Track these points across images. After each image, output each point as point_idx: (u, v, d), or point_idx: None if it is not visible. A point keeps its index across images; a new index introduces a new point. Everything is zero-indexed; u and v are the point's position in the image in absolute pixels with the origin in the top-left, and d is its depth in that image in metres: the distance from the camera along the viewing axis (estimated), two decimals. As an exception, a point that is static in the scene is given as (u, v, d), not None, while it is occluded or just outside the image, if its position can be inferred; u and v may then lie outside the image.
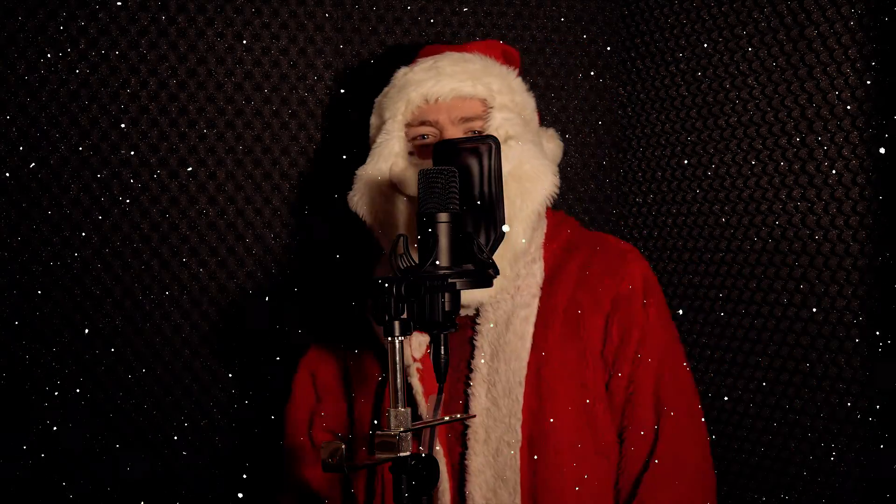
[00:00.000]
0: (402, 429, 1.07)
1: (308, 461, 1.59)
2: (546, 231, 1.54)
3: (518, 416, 1.40)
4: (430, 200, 1.18)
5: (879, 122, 1.49)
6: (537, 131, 1.56)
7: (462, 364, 1.46)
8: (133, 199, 1.81)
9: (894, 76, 1.47)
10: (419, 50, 1.63)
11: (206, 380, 1.88)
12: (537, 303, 1.46)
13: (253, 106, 1.87)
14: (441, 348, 1.16)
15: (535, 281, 1.48)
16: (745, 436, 1.74)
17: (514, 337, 1.43)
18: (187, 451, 1.87)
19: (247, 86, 1.86)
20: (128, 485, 1.83)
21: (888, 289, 1.49)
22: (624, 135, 2.07)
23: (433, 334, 1.16)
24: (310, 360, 1.64)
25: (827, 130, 1.58)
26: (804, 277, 1.63)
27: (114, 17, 1.77)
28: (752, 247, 1.73)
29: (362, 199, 1.50)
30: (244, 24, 1.85)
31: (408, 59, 1.58)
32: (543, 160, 1.45)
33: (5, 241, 1.75)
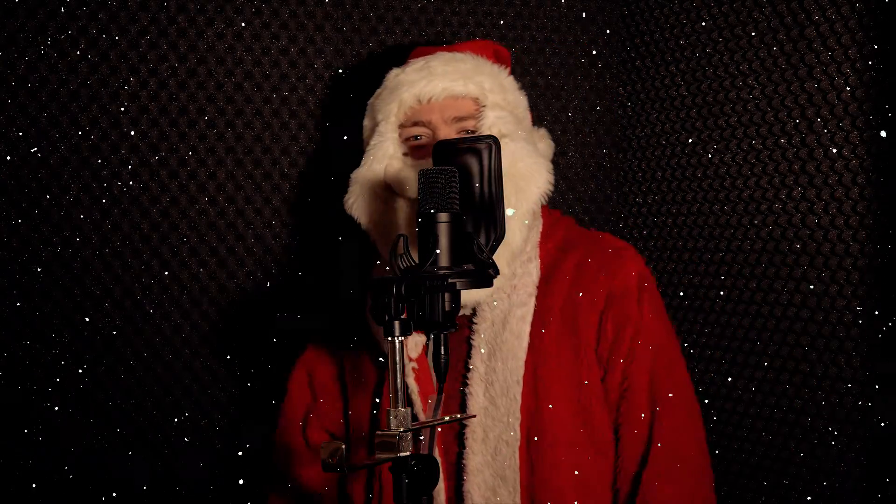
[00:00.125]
0: (402, 429, 1.07)
1: (302, 460, 1.59)
2: (542, 230, 1.54)
3: (516, 414, 1.40)
4: (430, 200, 1.18)
5: (879, 122, 1.49)
6: (530, 129, 1.56)
7: (459, 363, 1.46)
8: (133, 199, 1.81)
9: (894, 76, 1.47)
10: (411, 51, 1.63)
11: (206, 380, 1.88)
12: (534, 302, 1.46)
13: (253, 106, 1.87)
14: (441, 348, 1.16)
15: (531, 280, 1.47)
16: (745, 436, 1.74)
17: (511, 336, 1.43)
18: (187, 451, 1.87)
19: (247, 86, 1.86)
20: (128, 485, 1.83)
21: (888, 289, 1.49)
22: (624, 135, 2.07)
23: (433, 334, 1.16)
24: (307, 360, 1.64)
25: (827, 130, 1.58)
26: (804, 277, 1.63)
27: (114, 17, 1.77)
28: (752, 247, 1.73)
29: (358, 202, 1.49)
30: (244, 24, 1.85)
31: (403, 56, 1.58)
32: (537, 158, 1.45)
33: (5, 241, 1.75)
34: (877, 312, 1.51)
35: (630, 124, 2.05)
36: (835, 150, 1.57)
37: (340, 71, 1.92)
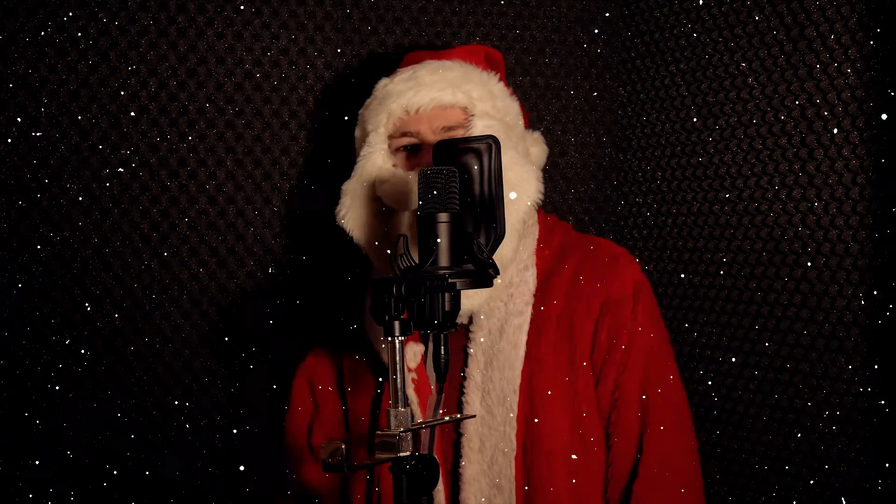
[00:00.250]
0: (402, 429, 1.07)
1: (309, 470, 1.59)
2: (538, 237, 1.53)
3: (513, 424, 1.40)
4: (429, 200, 1.18)
5: (879, 122, 1.49)
6: (522, 136, 1.54)
7: (456, 372, 1.46)
8: (133, 199, 1.81)
9: (894, 76, 1.47)
10: (401, 58, 1.62)
11: (206, 380, 1.88)
12: (530, 310, 1.46)
13: (253, 106, 1.87)
14: (441, 348, 1.16)
15: (527, 288, 1.47)
16: (745, 436, 1.74)
17: (508, 345, 1.43)
18: (187, 451, 1.87)
19: (247, 86, 1.86)
20: (128, 484, 1.83)
21: (888, 289, 1.49)
22: (624, 135, 2.07)
23: (433, 334, 1.15)
24: (307, 368, 1.64)
25: (827, 130, 1.58)
26: (804, 277, 1.63)
27: (114, 17, 1.77)
28: (752, 247, 1.72)
29: (349, 214, 1.48)
30: (244, 24, 1.85)
31: (397, 65, 1.58)
32: (527, 166, 1.44)
33: (5, 241, 1.75)
34: (877, 312, 1.51)
35: (630, 124, 2.05)
36: (835, 150, 1.57)
37: (340, 71, 1.91)
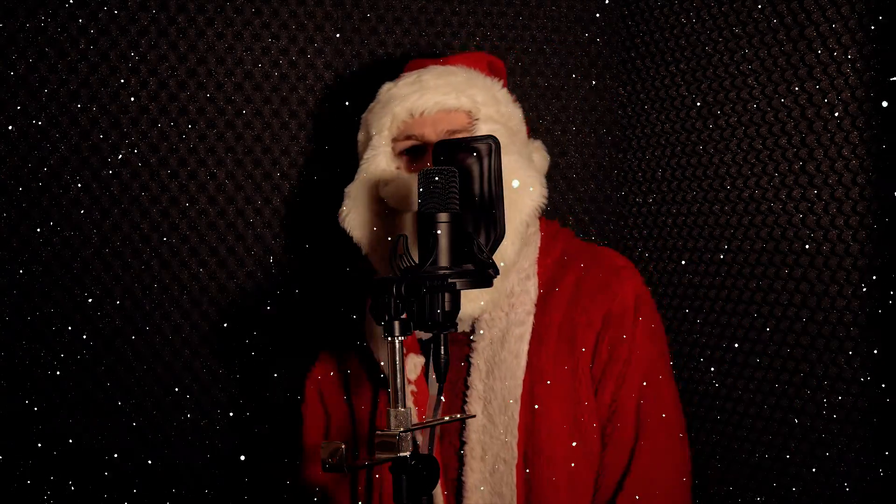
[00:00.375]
0: (402, 429, 1.07)
1: (331, 487, 1.58)
2: (540, 245, 1.53)
3: (514, 433, 1.40)
4: (430, 200, 1.18)
5: (879, 123, 1.49)
6: (525, 142, 1.55)
7: (459, 381, 1.47)
8: (133, 199, 1.81)
9: (894, 76, 1.47)
10: (405, 64, 1.62)
11: (206, 380, 1.88)
12: (532, 320, 1.46)
13: (253, 106, 1.87)
14: (441, 348, 1.16)
15: (529, 298, 1.47)
16: (745, 436, 1.74)
17: (510, 355, 1.43)
18: (187, 451, 1.87)
19: (247, 86, 1.86)
20: (128, 484, 1.83)
21: (888, 289, 1.49)
22: (624, 135, 2.07)
23: (433, 334, 1.16)
24: (315, 376, 1.64)
25: (827, 130, 1.58)
26: (804, 277, 1.63)
27: (114, 17, 1.77)
28: (752, 247, 1.72)
29: (351, 216, 1.49)
30: (244, 24, 1.85)
31: (402, 68, 1.58)
32: (530, 171, 1.44)
33: (5, 241, 1.75)
34: (877, 312, 1.51)
35: (630, 124, 2.05)
36: (835, 150, 1.57)
37: (340, 71, 1.92)
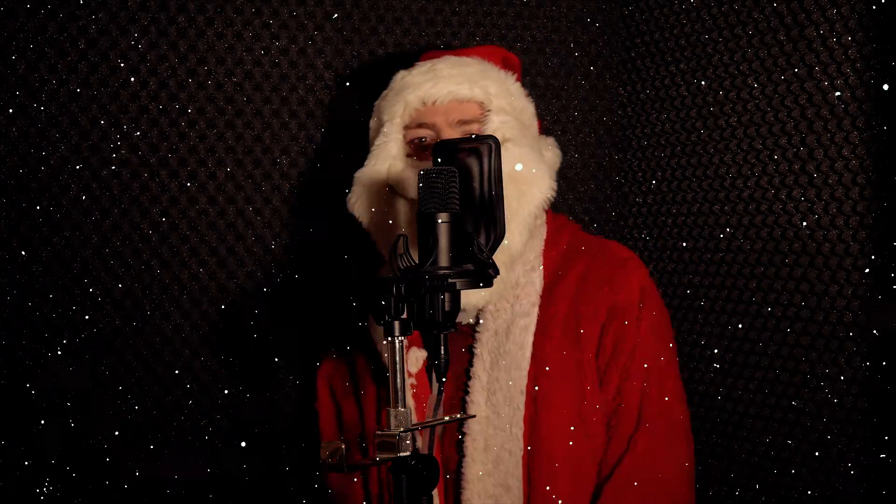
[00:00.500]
0: (402, 429, 1.07)
1: (346, 483, 1.58)
2: (546, 237, 1.53)
3: (520, 424, 1.40)
4: (430, 200, 1.18)
5: (879, 122, 1.49)
6: (536, 136, 1.55)
7: (461, 372, 1.46)
8: (133, 199, 1.81)
9: (894, 76, 1.47)
10: (420, 54, 1.63)
11: (206, 380, 1.87)
12: (537, 311, 1.46)
13: (253, 106, 1.87)
14: (441, 348, 1.16)
15: (534, 289, 1.47)
16: (745, 436, 1.74)
17: (514, 346, 1.43)
18: (187, 451, 1.87)
19: (247, 86, 1.86)
20: (128, 485, 1.83)
21: (888, 289, 1.49)
22: (624, 135, 2.07)
23: (433, 334, 1.16)
24: (325, 373, 1.65)
25: (827, 130, 1.58)
26: (804, 277, 1.63)
27: (114, 16, 1.77)
28: (752, 247, 1.72)
29: (360, 201, 1.50)
30: (244, 24, 1.85)
31: (409, 62, 1.58)
32: (540, 164, 1.45)
33: (5, 241, 1.75)
34: (877, 312, 1.51)
35: (630, 124, 2.05)
36: (835, 150, 1.57)
37: (340, 71, 1.91)
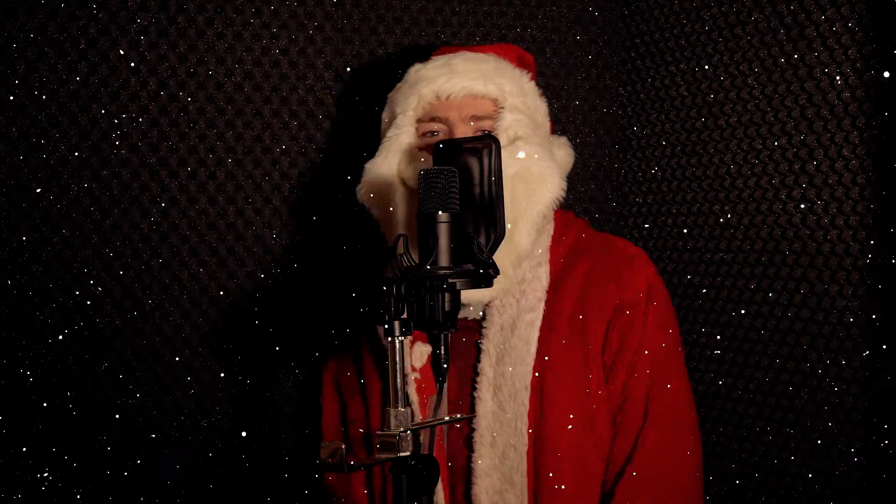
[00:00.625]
0: (402, 429, 1.07)
1: (348, 480, 1.58)
2: (553, 234, 1.53)
3: (524, 419, 1.40)
4: (430, 200, 1.18)
5: (879, 122, 1.49)
6: (548, 136, 1.56)
7: (468, 368, 1.47)
8: (133, 199, 1.81)
9: (894, 76, 1.47)
10: (420, 54, 1.63)
11: (206, 380, 1.87)
12: (543, 307, 1.46)
13: (253, 106, 1.87)
14: (441, 348, 1.16)
15: (540, 285, 1.47)
16: (745, 436, 1.74)
17: (520, 341, 1.43)
18: (187, 451, 1.87)
19: (247, 86, 1.86)
20: (127, 485, 1.83)
21: (888, 289, 1.49)
22: (624, 135, 2.07)
23: (433, 334, 1.16)
24: (331, 369, 1.66)
25: (827, 130, 1.58)
26: (804, 277, 1.63)
27: (114, 16, 1.77)
28: (752, 247, 1.72)
29: (369, 192, 1.50)
30: (244, 24, 1.85)
31: (409, 61, 1.58)
32: (551, 163, 1.45)
33: (5, 241, 1.74)
34: (877, 313, 1.51)
35: (630, 124, 2.05)
36: (835, 150, 1.57)
37: (340, 71, 1.92)
